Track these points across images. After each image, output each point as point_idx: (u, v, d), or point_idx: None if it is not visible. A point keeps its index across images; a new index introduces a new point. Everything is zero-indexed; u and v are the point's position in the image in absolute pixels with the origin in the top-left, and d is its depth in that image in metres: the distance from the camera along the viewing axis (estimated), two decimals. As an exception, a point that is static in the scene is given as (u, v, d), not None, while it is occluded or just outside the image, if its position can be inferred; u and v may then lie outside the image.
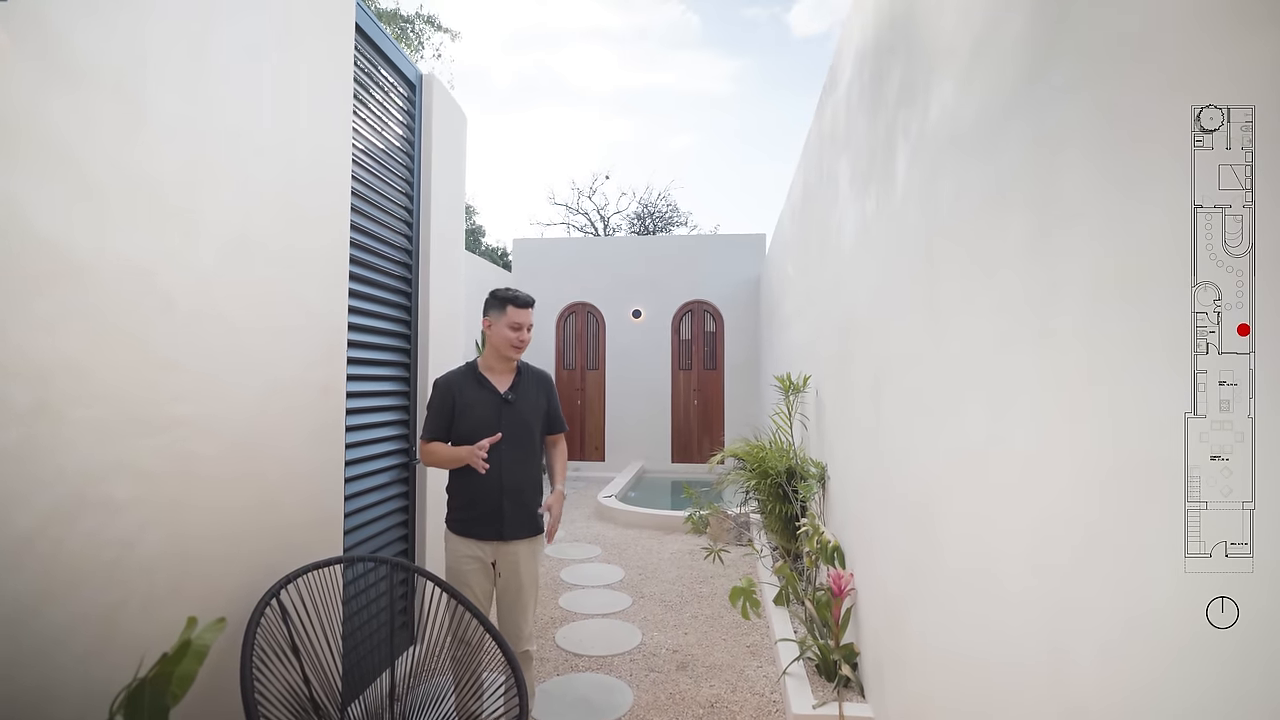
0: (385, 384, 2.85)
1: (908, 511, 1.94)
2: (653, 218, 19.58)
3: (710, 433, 9.44)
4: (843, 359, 2.98)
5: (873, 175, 2.35)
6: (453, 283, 3.51)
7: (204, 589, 1.65)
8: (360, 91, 2.59)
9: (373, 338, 2.73)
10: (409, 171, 3.07)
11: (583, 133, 32.96)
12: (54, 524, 1.25)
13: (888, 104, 2.15)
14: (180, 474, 1.58)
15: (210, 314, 1.69)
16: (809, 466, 3.71)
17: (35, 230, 1.22)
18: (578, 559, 4.86)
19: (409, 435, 3.02)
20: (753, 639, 3.43)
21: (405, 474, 2.99)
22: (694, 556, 4.92)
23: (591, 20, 30.70)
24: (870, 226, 2.41)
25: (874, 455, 2.38)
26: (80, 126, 1.31)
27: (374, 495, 2.71)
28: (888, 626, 2.15)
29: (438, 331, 3.27)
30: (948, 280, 1.59)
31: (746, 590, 3.12)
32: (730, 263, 9.44)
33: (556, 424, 2.51)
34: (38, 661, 1.22)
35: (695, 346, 9.56)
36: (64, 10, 1.28)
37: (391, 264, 2.89)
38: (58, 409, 1.26)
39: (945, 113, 1.60)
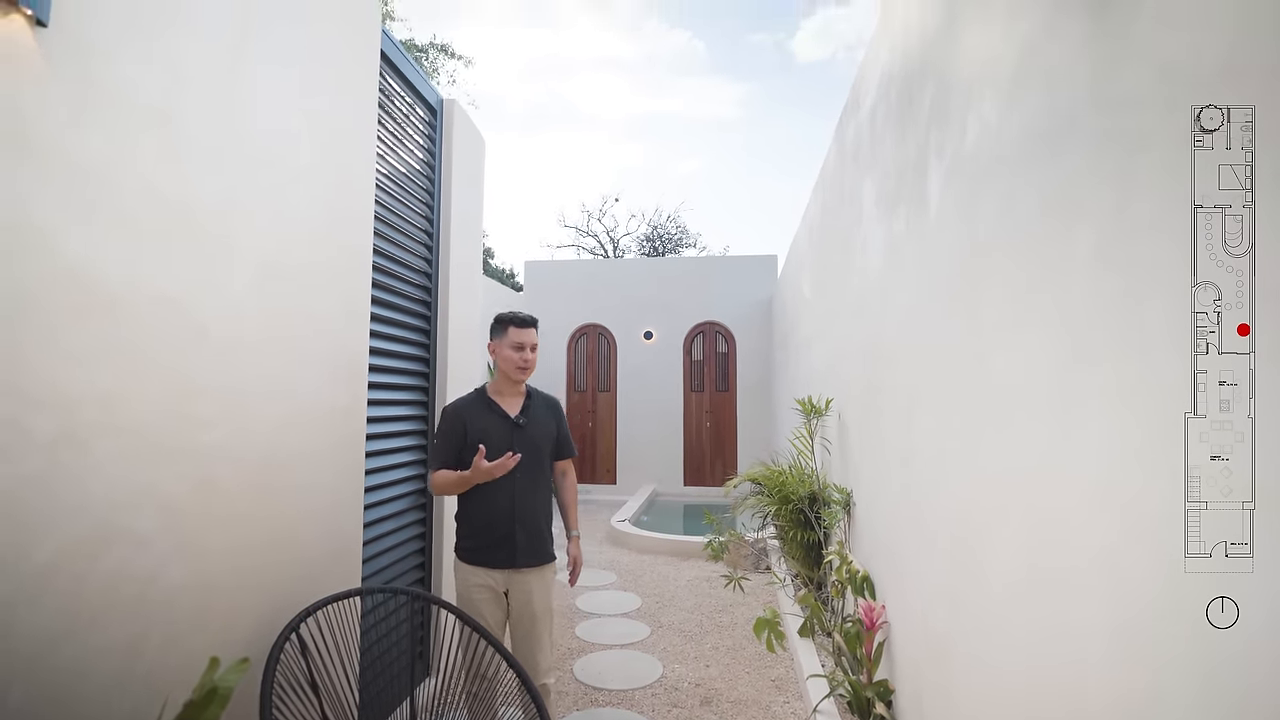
0: (404, 408, 2.82)
1: (945, 540, 1.86)
2: (662, 240, 19.68)
3: (723, 455, 9.33)
4: (869, 381, 2.92)
5: (902, 194, 2.32)
6: (471, 306, 3.49)
7: (224, 622, 1.60)
8: (383, 116, 2.60)
9: (392, 361, 2.70)
10: (429, 195, 3.07)
11: (593, 157, 33.47)
12: (77, 557, 1.21)
13: (919, 123, 2.12)
14: (201, 502, 1.53)
15: (240, 341, 1.67)
16: (832, 492, 3.62)
17: (68, 260, 1.20)
18: (593, 585, 4.76)
19: (426, 460, 2.97)
20: (777, 672, 3.32)
21: (422, 499, 2.93)
22: (711, 584, 4.80)
23: (602, 49, 31.48)
24: (900, 247, 2.37)
25: (906, 481, 2.30)
26: (117, 155, 1.30)
27: (391, 523, 2.65)
28: (930, 660, 2.06)
29: (456, 355, 3.24)
30: (992, 298, 1.54)
31: (771, 622, 3.02)
32: (742, 284, 9.43)
33: (566, 448, 2.46)
34: (61, 693, 1.17)
35: (707, 368, 9.50)
36: (104, 40, 1.27)
37: (412, 287, 2.88)
38: (82, 439, 1.22)
39: (987, 131, 1.56)
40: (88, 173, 1.23)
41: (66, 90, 1.19)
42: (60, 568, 1.18)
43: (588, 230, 20.05)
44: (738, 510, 4.65)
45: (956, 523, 1.79)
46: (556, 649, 3.53)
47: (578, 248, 20.12)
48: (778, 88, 32.47)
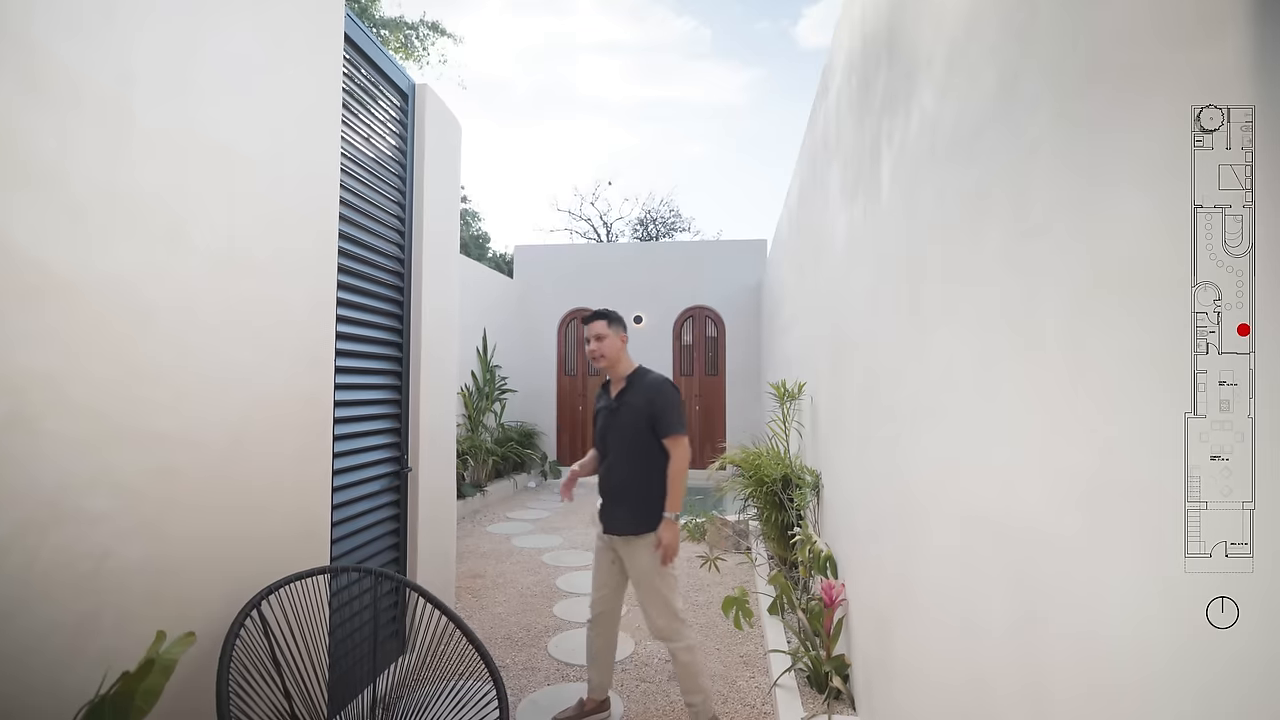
0: (376, 392, 2.86)
1: (890, 521, 1.92)
2: (655, 224, 19.60)
3: (712, 439, 9.41)
4: (835, 366, 2.97)
5: (860, 182, 2.34)
6: (447, 288, 3.51)
7: (182, 602, 1.65)
8: (350, 101, 2.60)
9: (363, 346, 2.74)
10: (401, 180, 3.08)
11: (595, 142, 33.17)
12: (28, 534, 1.26)
13: (873, 110, 2.14)
14: (161, 487, 1.58)
15: (196, 327, 1.70)
16: (804, 475, 3.68)
17: (14, 247, 1.23)
18: (574, 566, 4.84)
19: (400, 444, 3.02)
20: (747, 649, 3.40)
21: (397, 481, 2.99)
22: (691, 564, 4.89)
23: (606, 34, 31.07)
24: (859, 234, 2.40)
25: (863, 466, 2.36)
26: (64, 143, 1.32)
27: (363, 504, 2.70)
28: (876, 637, 2.13)
29: (431, 337, 3.27)
30: (929, 289, 1.58)
31: (739, 600, 3.10)
32: (732, 268, 9.44)
33: (661, 426, 2.51)
34: (8, 666, 1.22)
35: (697, 352, 9.54)
36: (48, 27, 1.29)
37: (383, 272, 2.90)
38: (30, 421, 1.26)
39: (925, 120, 1.59)
40: (31, 161, 1.26)
41: (8, 80, 1.22)
42: (12, 544, 1.23)
43: (581, 214, 19.96)
44: (722, 493, 4.72)
45: (901, 507, 1.85)
46: (533, 627, 3.62)
47: (571, 231, 20.05)
48: (781, 74, 32.18)
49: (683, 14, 31.42)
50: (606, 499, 2.56)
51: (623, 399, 2.55)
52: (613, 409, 2.57)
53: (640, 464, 2.50)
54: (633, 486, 2.50)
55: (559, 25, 30.89)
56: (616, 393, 2.58)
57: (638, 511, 2.49)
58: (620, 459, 2.53)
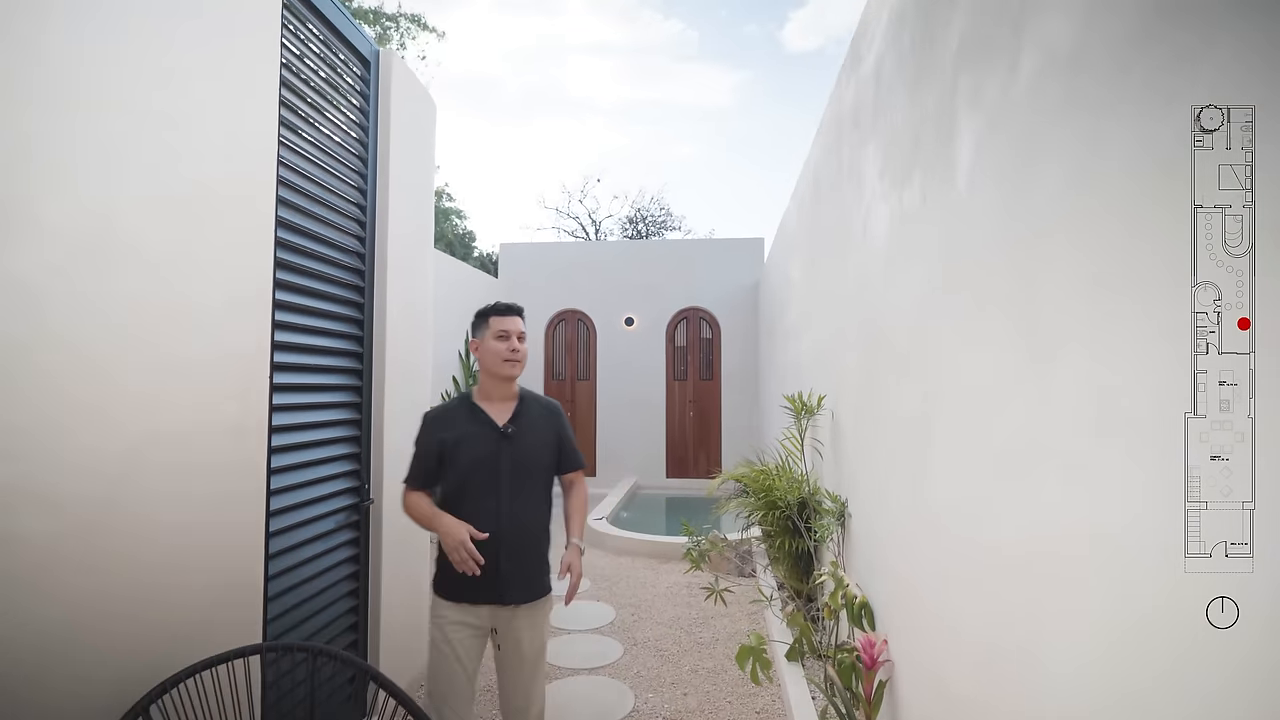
0: (329, 412, 2.39)
1: (974, 585, 1.51)
2: (645, 222, 19.15)
3: (707, 446, 9.00)
4: (869, 378, 2.55)
5: (917, 161, 1.93)
6: (419, 284, 3.05)
7: (38, 713, 1.19)
8: (294, 61, 2.14)
9: (311, 358, 2.27)
10: (361, 161, 2.62)
11: (585, 143, 32.76)
12: None
13: (941, 68, 1.72)
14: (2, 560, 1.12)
15: (48, 346, 1.24)
16: (824, 500, 3.27)
17: None
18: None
19: (361, 471, 2.56)
20: (763, 701, 2.98)
21: (355, 517, 2.52)
22: (691, 591, 4.47)
23: (596, 35, 30.83)
24: (911, 226, 1.98)
25: (917, 505, 1.94)
26: None
27: (310, 550, 2.23)
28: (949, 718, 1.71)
29: (400, 342, 2.81)
30: (1055, 301, 1.16)
31: (756, 650, 2.67)
32: (727, 268, 9.03)
33: (570, 459, 2.11)
34: None
35: (691, 355, 9.12)
36: None
37: (338, 269, 2.44)
38: None
39: (1055, 59, 1.17)
40: None
41: None
42: None
43: (568, 212, 19.46)
44: (721, 509, 4.30)
45: (994, 567, 1.43)
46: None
47: (558, 229, 19.54)
48: (768, 78, 32.03)
49: (670, 16, 31.23)
50: (502, 556, 1.89)
51: (519, 423, 1.99)
52: (506, 435, 1.96)
53: (544, 507, 2.03)
54: (536, 535, 2.00)
55: (549, 26, 30.56)
56: (509, 416, 2.00)
57: (543, 568, 2.02)
58: (523, 502, 1.95)
